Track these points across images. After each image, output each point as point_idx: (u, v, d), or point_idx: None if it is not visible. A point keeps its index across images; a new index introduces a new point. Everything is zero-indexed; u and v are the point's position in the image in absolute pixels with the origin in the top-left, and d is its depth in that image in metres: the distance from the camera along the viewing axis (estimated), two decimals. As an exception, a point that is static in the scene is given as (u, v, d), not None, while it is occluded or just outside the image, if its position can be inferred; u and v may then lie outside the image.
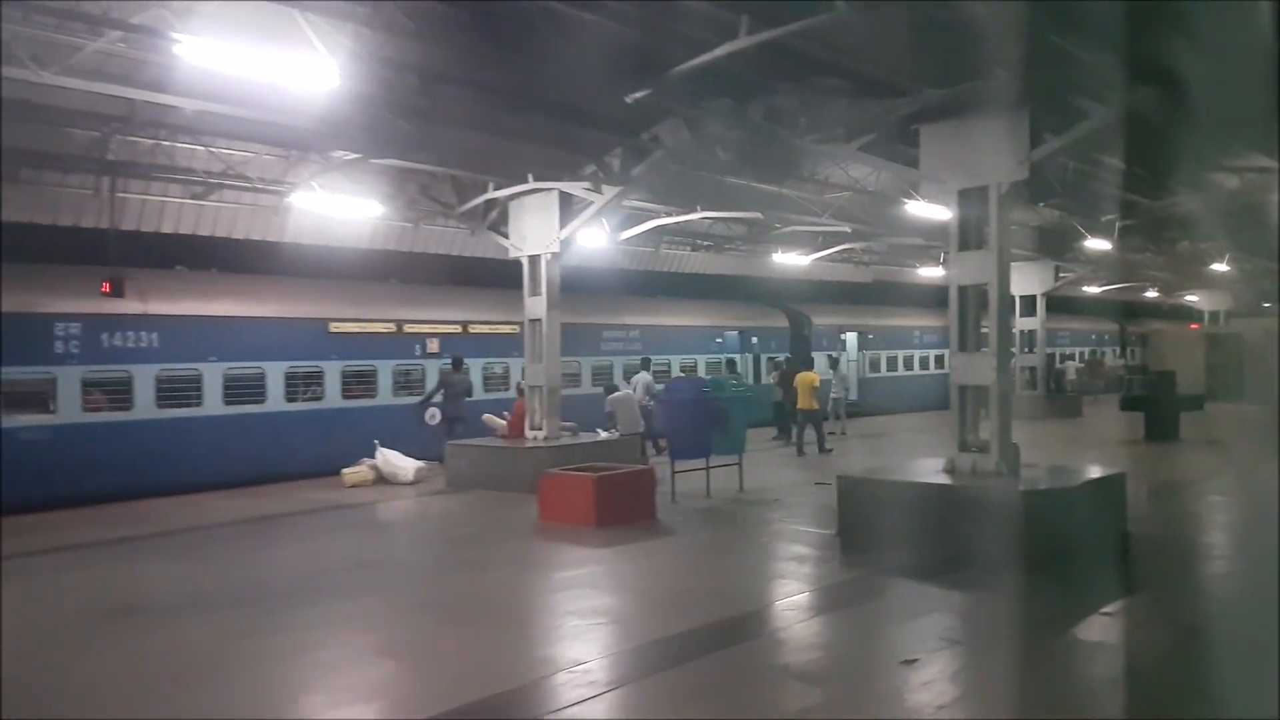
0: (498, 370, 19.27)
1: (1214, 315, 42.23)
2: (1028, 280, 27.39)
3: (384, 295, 18.06)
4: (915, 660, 6.00)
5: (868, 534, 9.46)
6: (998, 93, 9.48)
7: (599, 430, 15.02)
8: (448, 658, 6.49)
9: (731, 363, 21.59)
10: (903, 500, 9.28)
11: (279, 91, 9.55)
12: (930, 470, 9.93)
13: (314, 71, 8.79)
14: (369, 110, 10.44)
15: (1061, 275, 26.96)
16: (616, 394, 15.00)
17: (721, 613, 7.27)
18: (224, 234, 15.68)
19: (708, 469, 12.60)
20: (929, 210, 16.92)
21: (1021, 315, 27.74)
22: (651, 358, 19.58)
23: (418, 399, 16.14)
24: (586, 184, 13.29)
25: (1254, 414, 25.57)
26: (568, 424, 14.68)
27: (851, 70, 9.85)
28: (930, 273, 28.16)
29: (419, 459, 14.73)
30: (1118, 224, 19.67)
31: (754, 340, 26.38)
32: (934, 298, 34.86)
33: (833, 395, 22.30)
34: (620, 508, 10.34)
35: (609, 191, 13.22)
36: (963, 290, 10.03)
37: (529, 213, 14.30)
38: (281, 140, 13.02)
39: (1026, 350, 27.94)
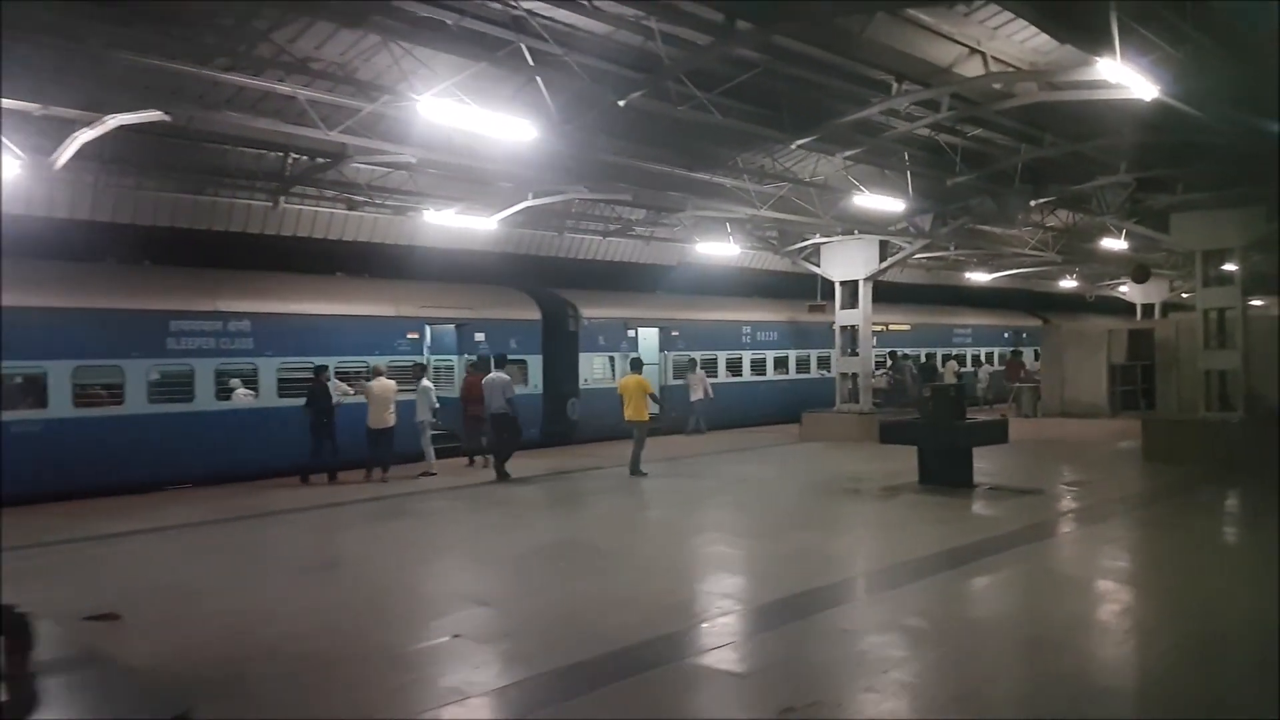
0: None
1: (1148, 309, 35.54)
2: (849, 262, 20.91)
3: None
4: None
5: None
6: None
7: None
8: None
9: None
10: None
11: None
12: None
13: None
14: None
15: (891, 253, 20.39)
16: None
17: None
18: None
19: None
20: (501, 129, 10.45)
21: (843, 307, 21.25)
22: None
23: None
24: None
25: (1118, 432, 19.12)
26: None
27: None
28: (716, 250, 21.62)
29: None
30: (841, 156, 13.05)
31: (478, 338, 19.83)
32: (781, 287, 28.49)
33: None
34: None
35: None
36: None
37: None
38: None
39: (849, 352, 21.40)
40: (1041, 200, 16.58)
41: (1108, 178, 14.95)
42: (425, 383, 15.88)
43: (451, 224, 16.03)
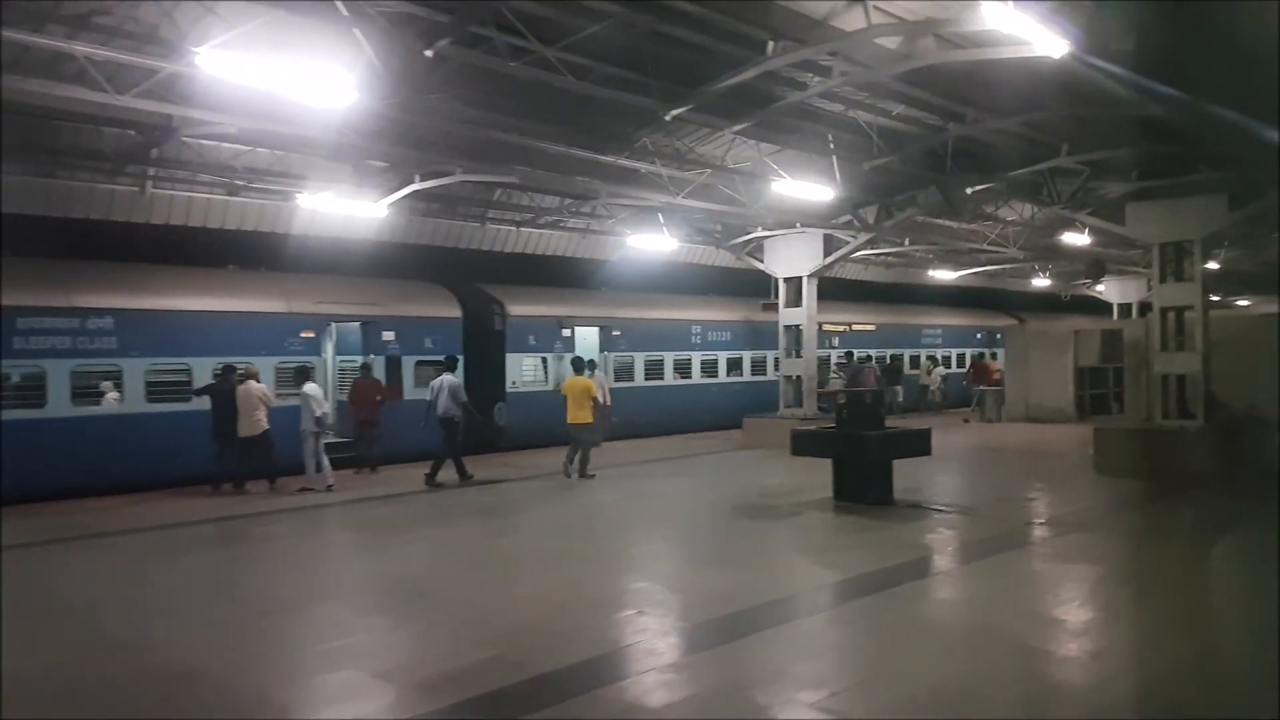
0: None
1: (1125, 308, 34.09)
2: (792, 258, 19.53)
3: None
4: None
5: None
6: None
7: None
8: None
9: None
10: None
11: None
12: None
13: None
14: None
15: (836, 248, 18.94)
16: None
17: None
18: None
19: None
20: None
21: (787, 305, 19.87)
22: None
23: None
24: None
25: (1081, 440, 17.64)
26: None
27: None
28: (649, 243, 20.18)
29: None
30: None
31: (386, 337, 18.39)
32: (736, 284, 27.03)
33: None
34: None
35: None
36: None
37: None
38: None
39: (794, 353, 20.00)
40: (981, 187, 15.12)
41: (1051, 161, 13.49)
42: (308, 388, 14.40)
43: (330, 209, 14.53)
